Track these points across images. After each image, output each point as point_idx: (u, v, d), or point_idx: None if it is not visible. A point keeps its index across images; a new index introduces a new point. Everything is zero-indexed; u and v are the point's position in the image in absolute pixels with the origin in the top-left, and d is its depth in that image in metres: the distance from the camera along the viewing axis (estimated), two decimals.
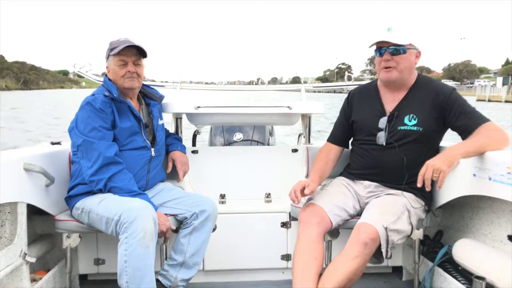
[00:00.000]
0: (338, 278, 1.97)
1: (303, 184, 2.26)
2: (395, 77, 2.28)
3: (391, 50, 2.24)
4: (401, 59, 2.25)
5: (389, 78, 2.29)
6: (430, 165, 1.95)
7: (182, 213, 2.35)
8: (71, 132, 2.30)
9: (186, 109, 2.83)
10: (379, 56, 2.29)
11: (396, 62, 2.25)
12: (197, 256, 2.35)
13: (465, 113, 2.21)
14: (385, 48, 2.25)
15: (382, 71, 2.30)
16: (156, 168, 2.49)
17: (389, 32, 2.26)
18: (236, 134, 4.17)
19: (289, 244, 2.77)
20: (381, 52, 2.27)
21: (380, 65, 2.29)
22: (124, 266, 2.01)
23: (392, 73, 2.27)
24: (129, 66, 2.35)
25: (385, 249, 2.05)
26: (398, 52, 2.24)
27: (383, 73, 2.30)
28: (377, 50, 2.29)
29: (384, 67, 2.28)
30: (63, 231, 2.30)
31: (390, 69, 2.27)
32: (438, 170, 1.91)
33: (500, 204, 2.19)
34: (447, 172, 1.93)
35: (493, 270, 1.98)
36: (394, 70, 2.26)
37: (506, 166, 1.86)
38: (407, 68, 2.28)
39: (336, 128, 2.58)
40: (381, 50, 2.27)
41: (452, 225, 2.65)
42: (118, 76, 2.36)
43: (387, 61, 2.26)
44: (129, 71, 2.35)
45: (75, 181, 2.32)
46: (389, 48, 2.24)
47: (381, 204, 2.22)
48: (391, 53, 2.24)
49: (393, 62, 2.25)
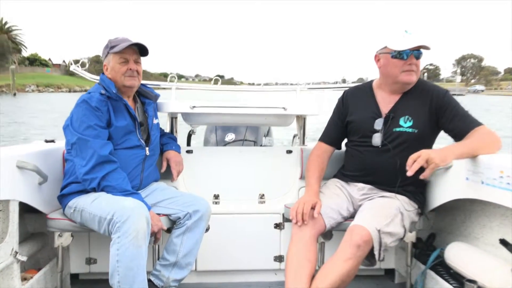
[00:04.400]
0: (331, 280, 1.97)
1: (311, 204, 2.22)
2: (415, 80, 2.29)
3: (416, 54, 2.24)
4: (419, 63, 2.27)
5: (411, 80, 2.28)
6: (425, 153, 1.94)
7: (175, 213, 2.34)
8: (66, 130, 2.29)
9: (181, 109, 2.83)
10: (399, 59, 2.24)
11: (416, 65, 2.26)
12: (189, 256, 2.35)
13: (459, 115, 2.22)
14: (410, 52, 2.22)
15: (404, 73, 2.25)
16: (150, 168, 2.48)
17: (409, 34, 2.24)
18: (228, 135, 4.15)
19: (282, 246, 2.77)
20: (404, 55, 2.23)
21: (403, 67, 2.25)
22: (116, 265, 2.00)
23: (413, 76, 2.27)
24: (130, 63, 2.36)
25: (378, 251, 2.06)
26: (420, 56, 2.25)
27: (405, 76, 2.26)
28: (393, 52, 2.24)
29: (408, 70, 2.25)
30: (55, 229, 2.29)
31: (412, 72, 2.26)
32: (431, 160, 1.91)
33: (493, 208, 2.21)
34: (438, 166, 1.93)
35: (485, 274, 1.99)
36: (414, 74, 2.27)
37: (499, 170, 1.87)
38: (420, 71, 2.30)
39: (330, 128, 2.57)
40: (406, 53, 2.22)
41: (444, 228, 2.66)
42: (118, 74, 2.35)
43: (411, 65, 2.25)
44: (131, 68, 2.35)
45: (68, 180, 2.30)
46: (414, 52, 2.23)
47: (374, 206, 2.22)
48: (416, 57, 2.24)
49: (415, 66, 2.26)
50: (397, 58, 2.24)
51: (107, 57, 2.39)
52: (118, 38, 2.39)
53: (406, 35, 2.23)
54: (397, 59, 2.25)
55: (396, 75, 2.28)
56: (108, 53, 2.38)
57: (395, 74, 2.28)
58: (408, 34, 2.23)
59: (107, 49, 2.38)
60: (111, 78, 2.37)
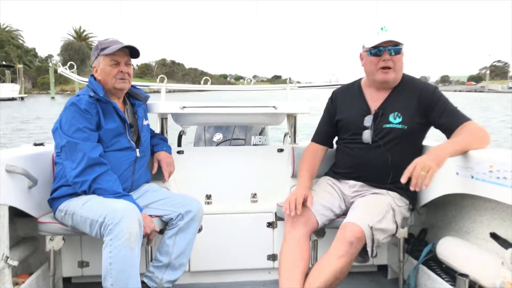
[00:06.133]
0: (324, 277, 1.98)
1: (303, 196, 2.22)
2: (393, 78, 2.29)
3: (391, 50, 2.24)
4: (397, 60, 2.26)
5: (387, 79, 2.28)
6: (419, 162, 1.92)
7: (167, 214, 2.33)
8: (55, 133, 2.27)
9: (171, 109, 2.82)
10: (375, 56, 2.26)
11: (394, 62, 2.25)
12: (182, 257, 2.34)
13: (448, 111, 2.24)
14: (384, 48, 2.23)
15: (379, 71, 2.27)
16: (141, 169, 2.47)
17: (385, 32, 2.25)
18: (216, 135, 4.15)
19: (275, 244, 2.78)
20: (378, 52, 2.25)
21: (377, 65, 2.26)
22: (109, 268, 1.99)
23: (390, 74, 2.27)
24: (121, 66, 2.34)
25: (371, 248, 2.07)
26: (397, 52, 2.25)
27: (380, 74, 2.27)
28: (370, 50, 2.27)
29: (382, 67, 2.26)
30: (46, 233, 2.27)
31: (388, 69, 2.26)
32: (427, 167, 1.90)
33: (483, 202, 2.23)
34: (436, 170, 1.92)
35: (476, 267, 2.01)
36: (392, 71, 2.27)
37: (488, 165, 1.89)
38: (401, 68, 2.30)
39: (321, 127, 2.59)
40: (379, 50, 2.24)
41: (436, 223, 2.68)
42: (109, 76, 2.34)
43: (387, 61, 2.25)
44: (122, 71, 2.34)
45: (58, 183, 2.29)
46: (388, 48, 2.23)
47: (366, 203, 2.23)
48: (390, 53, 2.25)
49: (391, 63, 2.25)
50: (373, 55, 2.27)
51: (97, 58, 2.37)
52: (108, 40, 2.38)
53: (381, 33, 2.25)
54: (372, 56, 2.27)
55: (373, 73, 2.30)
56: (98, 55, 2.36)
57: (372, 72, 2.31)
58: (383, 32, 2.25)
59: (97, 51, 2.36)
60: (101, 80, 2.35)
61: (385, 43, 2.23)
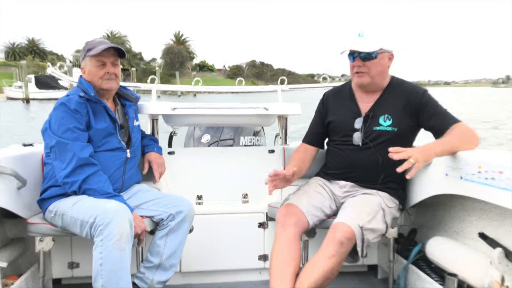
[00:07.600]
0: (314, 277, 1.99)
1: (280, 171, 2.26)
2: (367, 82, 2.34)
3: (362, 56, 2.29)
4: (372, 65, 2.30)
5: (361, 82, 2.35)
6: (410, 150, 1.96)
7: (158, 214, 2.33)
8: (44, 133, 2.26)
9: (162, 110, 2.81)
10: (351, 61, 2.34)
11: (367, 67, 2.30)
12: (173, 257, 2.34)
13: (438, 113, 2.27)
14: (357, 54, 2.30)
15: (354, 76, 2.36)
16: (132, 170, 2.46)
17: (361, 37, 2.29)
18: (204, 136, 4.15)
19: (266, 245, 2.78)
20: (352, 58, 2.33)
21: (353, 70, 2.35)
22: (100, 269, 1.98)
23: (364, 78, 2.33)
24: (107, 67, 2.33)
25: (361, 248, 2.08)
26: (370, 58, 2.29)
27: (355, 78, 2.36)
28: (350, 55, 2.34)
29: (356, 72, 2.34)
30: (36, 234, 2.25)
31: (362, 74, 2.32)
32: (415, 159, 1.93)
33: (472, 203, 2.25)
34: (421, 165, 1.94)
35: (465, 267, 2.03)
36: (366, 75, 2.32)
37: (477, 166, 1.91)
38: (379, 72, 2.33)
39: (312, 129, 2.61)
40: (354, 55, 2.31)
41: (425, 224, 2.70)
42: (96, 77, 2.32)
43: (359, 67, 2.31)
44: (108, 72, 2.32)
45: (48, 183, 2.27)
46: (360, 54, 2.29)
47: (356, 203, 2.25)
48: (362, 59, 2.29)
49: (365, 68, 2.30)
50: (350, 60, 2.36)
51: (84, 59, 2.36)
52: (95, 41, 2.36)
53: (358, 38, 2.30)
54: (350, 61, 2.36)
55: (352, 77, 2.39)
56: (85, 56, 2.35)
57: (351, 75, 2.40)
58: (360, 37, 2.30)
59: (84, 52, 2.35)
60: (89, 81, 2.34)
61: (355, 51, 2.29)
